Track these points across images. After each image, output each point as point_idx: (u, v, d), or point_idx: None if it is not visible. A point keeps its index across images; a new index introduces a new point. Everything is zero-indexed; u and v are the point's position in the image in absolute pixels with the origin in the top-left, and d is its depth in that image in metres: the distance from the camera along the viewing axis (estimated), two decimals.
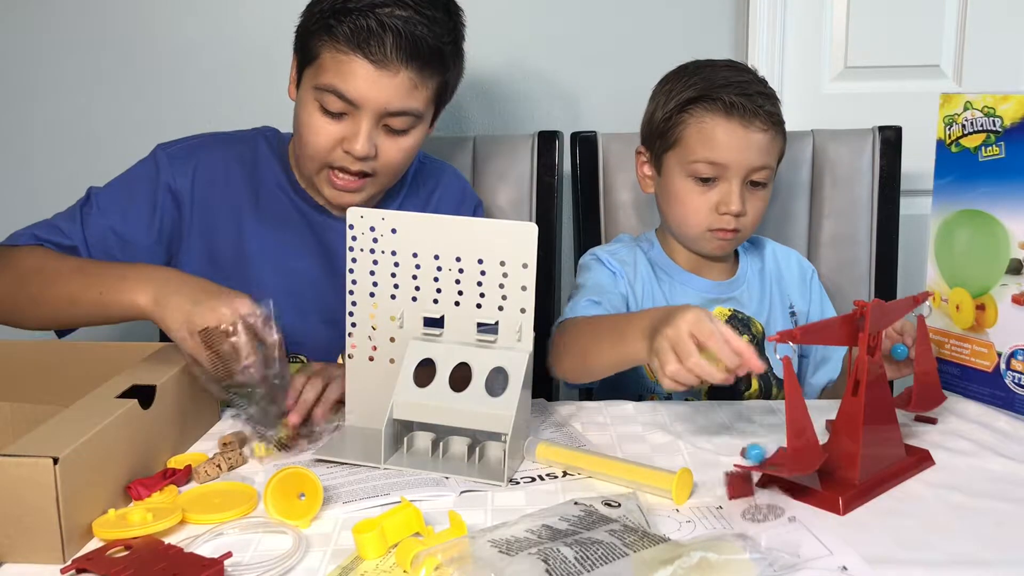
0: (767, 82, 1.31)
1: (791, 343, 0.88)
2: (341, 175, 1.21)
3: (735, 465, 0.92)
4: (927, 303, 1.03)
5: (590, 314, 1.21)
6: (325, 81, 1.16)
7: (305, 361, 1.27)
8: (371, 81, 1.15)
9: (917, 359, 1.04)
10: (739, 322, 1.32)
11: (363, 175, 1.21)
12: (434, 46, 1.17)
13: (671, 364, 0.93)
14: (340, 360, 1.25)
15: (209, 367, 1.01)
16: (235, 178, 1.29)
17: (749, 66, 1.33)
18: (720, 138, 1.24)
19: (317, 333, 1.27)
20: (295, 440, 1.04)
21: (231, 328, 0.99)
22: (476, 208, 1.42)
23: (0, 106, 1.77)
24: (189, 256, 1.27)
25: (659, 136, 1.30)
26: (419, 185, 1.37)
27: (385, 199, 1.32)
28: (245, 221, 1.28)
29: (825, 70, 1.77)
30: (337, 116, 1.18)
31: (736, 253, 1.39)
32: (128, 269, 1.11)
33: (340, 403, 1.10)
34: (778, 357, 0.89)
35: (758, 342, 1.32)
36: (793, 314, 1.37)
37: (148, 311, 1.05)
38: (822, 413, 1.08)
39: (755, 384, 1.32)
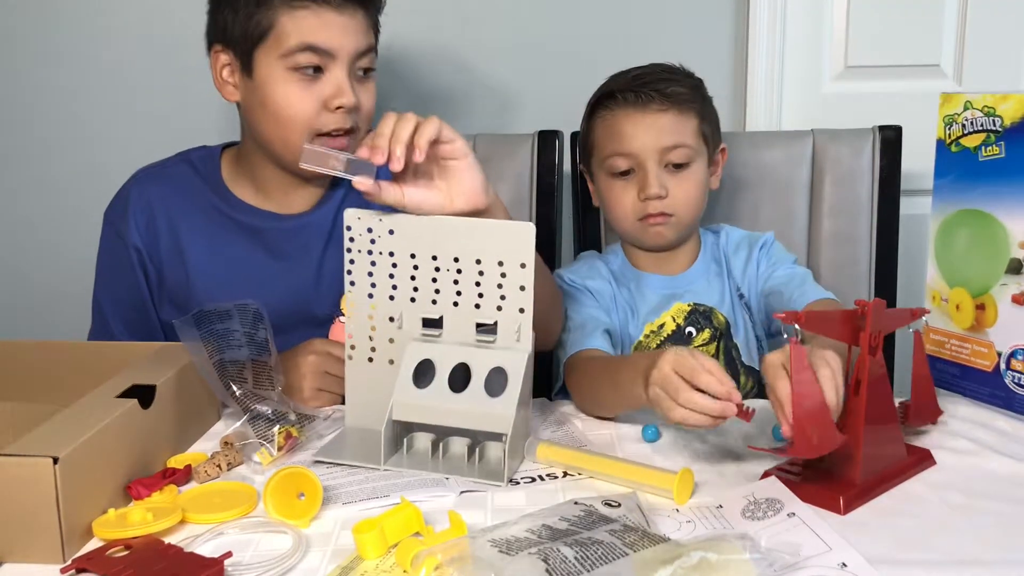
0: (690, 74, 1.34)
1: (796, 325, 0.89)
2: (327, 138, 1.20)
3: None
4: (923, 319, 1.03)
5: (585, 347, 1.22)
6: (295, 42, 1.18)
7: None
8: (340, 27, 1.19)
9: (914, 376, 1.04)
10: (700, 315, 1.33)
11: (348, 132, 1.22)
12: None
13: (672, 409, 0.93)
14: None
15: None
16: (164, 212, 1.30)
17: (674, 64, 1.35)
18: (621, 128, 1.28)
19: (293, 339, 1.23)
20: None
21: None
22: None
23: (2, 107, 1.77)
24: (160, 303, 1.31)
25: (583, 148, 1.37)
26: None
27: (339, 189, 1.32)
28: (190, 252, 1.29)
29: (825, 70, 1.77)
30: (312, 76, 1.19)
31: (699, 246, 1.39)
32: None
33: (438, 143, 0.98)
34: (785, 337, 0.89)
35: (721, 333, 1.33)
36: (742, 296, 1.36)
37: None
38: None
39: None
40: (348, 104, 1.19)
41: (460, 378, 0.99)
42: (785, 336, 0.89)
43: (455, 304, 1.02)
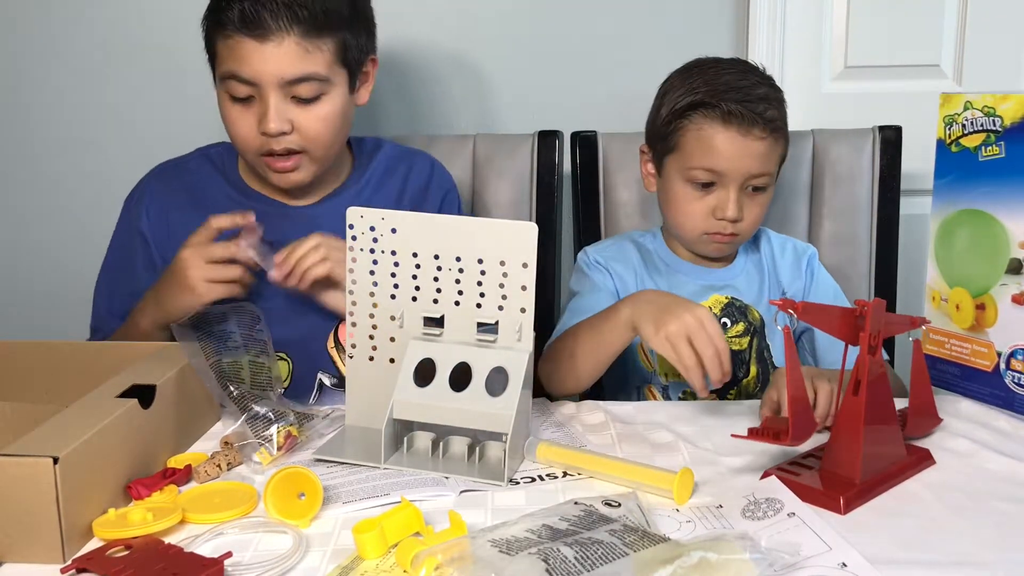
0: (774, 82, 1.30)
1: (792, 313, 0.90)
2: (275, 158, 1.24)
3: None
4: (922, 327, 1.03)
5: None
6: (224, 69, 1.21)
7: (286, 357, 1.28)
8: (259, 56, 1.18)
9: (912, 385, 1.04)
10: (736, 310, 1.33)
11: (291, 152, 1.23)
12: (314, 9, 1.19)
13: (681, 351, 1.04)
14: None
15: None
16: (180, 203, 1.32)
17: (757, 64, 1.32)
18: (718, 146, 1.24)
19: (298, 327, 1.27)
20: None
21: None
22: (447, 193, 1.42)
23: (1, 105, 1.77)
24: None
25: (660, 139, 1.31)
26: (393, 170, 1.40)
27: (357, 187, 1.35)
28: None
29: (825, 70, 1.77)
30: (246, 101, 1.21)
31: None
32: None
33: (329, 286, 1.16)
34: (778, 327, 0.90)
35: (755, 329, 1.33)
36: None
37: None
38: None
39: (753, 370, 1.32)
40: (271, 131, 1.20)
41: (461, 377, 0.99)
42: (778, 326, 0.91)
43: (456, 303, 1.01)
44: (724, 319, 1.33)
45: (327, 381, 1.28)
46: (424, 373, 1.00)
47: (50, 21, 1.74)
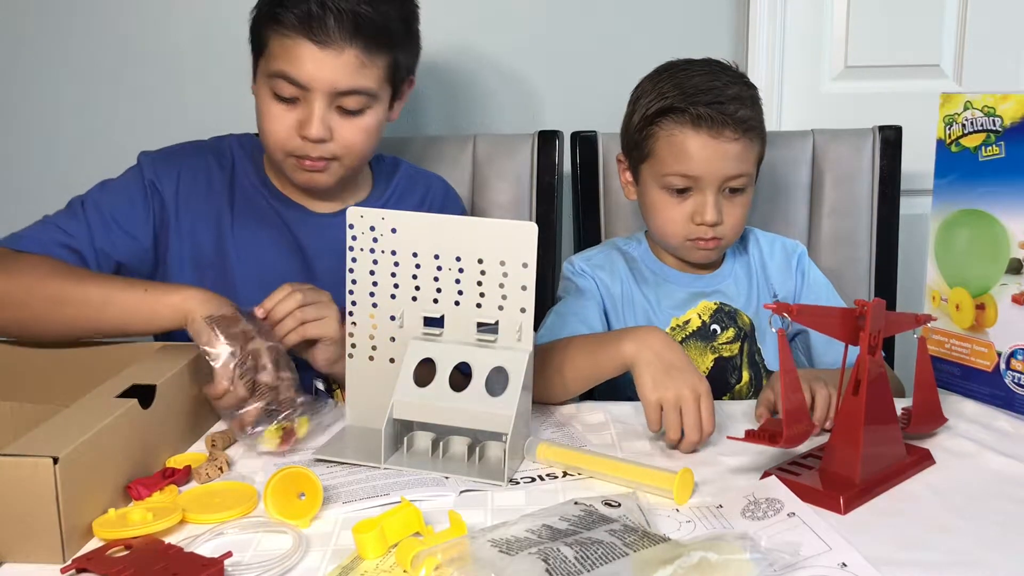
0: (747, 79, 1.29)
1: (786, 316, 0.90)
2: (305, 159, 1.23)
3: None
4: (926, 325, 1.04)
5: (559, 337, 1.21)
6: (274, 67, 1.19)
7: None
8: (317, 62, 1.17)
9: (917, 382, 1.04)
10: (725, 315, 1.33)
11: (322, 159, 1.23)
12: (379, 24, 1.19)
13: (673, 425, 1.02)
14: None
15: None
16: (215, 182, 1.31)
17: (729, 63, 1.30)
18: (691, 151, 1.23)
19: None
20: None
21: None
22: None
23: (3, 106, 1.77)
24: (174, 258, 1.29)
25: (634, 146, 1.30)
26: (411, 189, 1.40)
27: (379, 202, 1.35)
28: (224, 223, 1.30)
29: (825, 70, 1.77)
30: (290, 102, 1.20)
31: None
32: (167, 283, 1.20)
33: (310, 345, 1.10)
34: (772, 330, 0.90)
35: (745, 334, 1.33)
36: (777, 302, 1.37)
37: (192, 313, 1.07)
38: None
39: (746, 375, 1.32)
40: (311, 136, 1.19)
41: (460, 377, 0.99)
42: (773, 329, 0.91)
43: (456, 303, 1.01)
44: (714, 325, 1.32)
45: (321, 386, 1.28)
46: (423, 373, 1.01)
47: (49, 22, 1.74)
